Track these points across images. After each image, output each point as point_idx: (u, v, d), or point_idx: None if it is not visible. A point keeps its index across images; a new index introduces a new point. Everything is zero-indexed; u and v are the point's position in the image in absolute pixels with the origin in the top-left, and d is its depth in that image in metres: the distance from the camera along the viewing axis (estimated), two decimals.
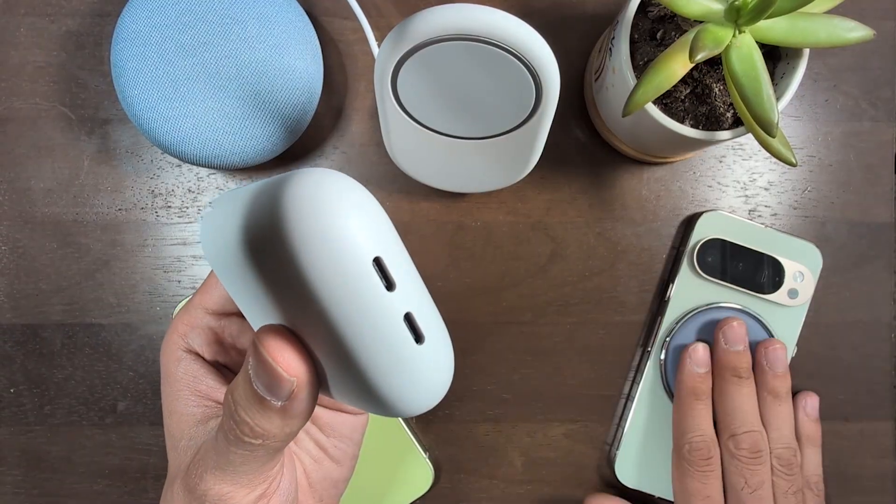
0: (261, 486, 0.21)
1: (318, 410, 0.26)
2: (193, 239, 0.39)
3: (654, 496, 0.39)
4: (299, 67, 0.35)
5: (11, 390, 0.39)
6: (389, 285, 0.17)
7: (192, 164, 0.36)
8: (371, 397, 0.18)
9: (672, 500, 0.38)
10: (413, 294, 0.18)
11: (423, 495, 0.39)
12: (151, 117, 0.34)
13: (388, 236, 0.17)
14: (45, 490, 0.39)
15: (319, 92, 0.36)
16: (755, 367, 0.37)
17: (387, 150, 0.34)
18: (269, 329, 0.18)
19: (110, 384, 0.39)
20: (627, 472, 0.39)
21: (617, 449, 0.39)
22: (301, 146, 0.39)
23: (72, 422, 0.39)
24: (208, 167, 0.36)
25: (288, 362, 0.18)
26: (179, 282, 0.39)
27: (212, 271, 0.24)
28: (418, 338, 0.18)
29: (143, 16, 0.34)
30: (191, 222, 0.39)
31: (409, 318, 0.17)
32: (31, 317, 0.39)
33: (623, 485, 0.39)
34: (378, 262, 0.17)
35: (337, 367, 0.18)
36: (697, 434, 0.35)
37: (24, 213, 0.39)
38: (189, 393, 0.24)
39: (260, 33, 0.34)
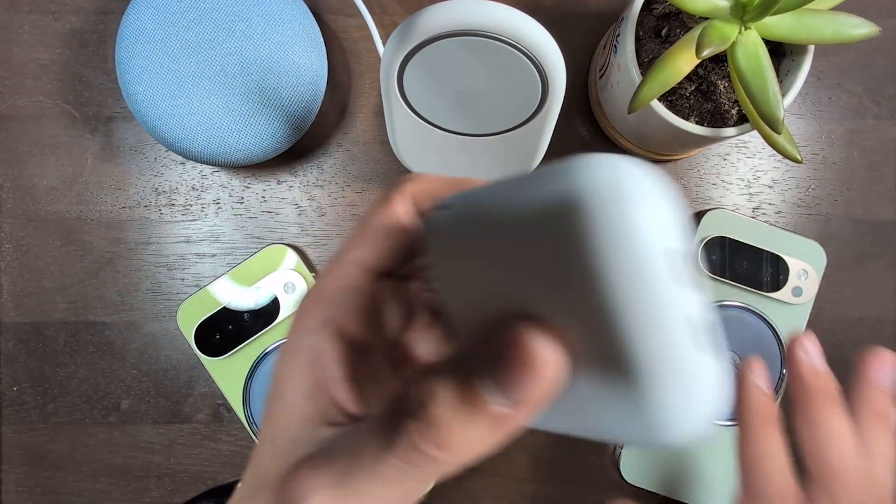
0: None
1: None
2: (197, 237, 0.39)
3: (658, 494, 0.39)
4: (304, 65, 0.35)
5: (14, 388, 0.39)
6: (678, 280, 0.15)
7: (197, 161, 0.36)
8: (631, 413, 0.16)
9: (675, 497, 0.37)
10: (698, 296, 0.16)
11: (427, 493, 0.39)
12: (156, 114, 0.34)
13: (679, 224, 0.15)
14: (47, 488, 0.39)
15: (324, 89, 0.36)
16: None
17: (392, 148, 0.34)
18: (529, 319, 0.15)
19: (113, 382, 0.39)
20: (632, 470, 0.39)
21: (622, 447, 0.39)
22: (305, 143, 0.39)
23: (75, 420, 0.39)
24: (212, 164, 0.36)
25: (548, 354, 0.14)
26: (183, 279, 0.39)
27: (367, 223, 0.20)
28: (700, 346, 0.15)
29: (147, 13, 0.34)
30: (195, 220, 0.39)
31: (692, 321, 0.15)
32: (34, 315, 0.39)
33: (628, 483, 0.39)
34: (670, 254, 0.15)
35: (586, 377, 0.16)
36: (777, 469, 0.28)
37: (27, 211, 0.39)
38: (306, 377, 0.18)
39: (265, 31, 0.34)
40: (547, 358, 0.14)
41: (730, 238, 0.38)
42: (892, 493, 0.27)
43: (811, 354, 0.30)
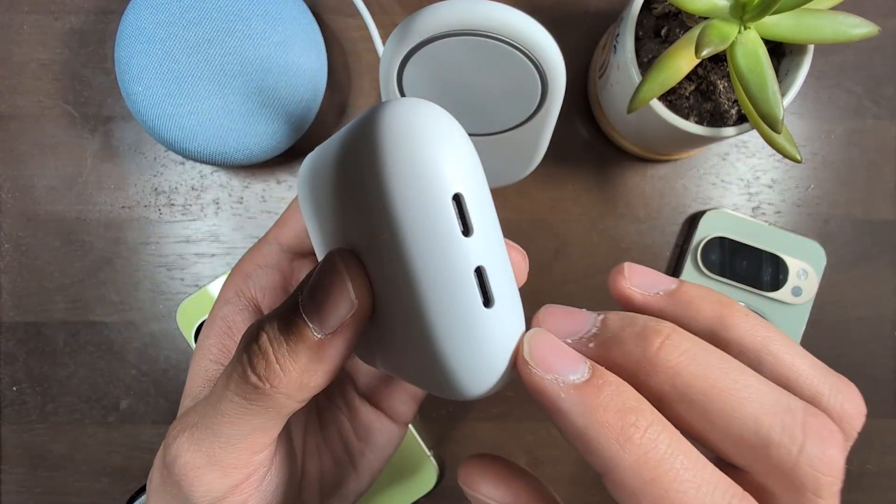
0: (238, 472, 0.17)
1: (360, 406, 0.23)
2: (197, 237, 0.39)
3: None
4: (303, 65, 0.35)
5: (14, 388, 0.39)
6: (466, 230, 0.15)
7: (196, 161, 0.36)
8: (428, 364, 0.16)
9: None
10: (490, 246, 0.15)
11: (428, 494, 0.39)
12: (155, 114, 0.34)
13: (475, 175, 0.15)
14: (47, 488, 0.39)
15: (323, 89, 0.36)
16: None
17: None
18: (347, 250, 0.16)
19: (113, 382, 0.39)
20: None
21: None
22: (305, 143, 0.39)
23: (74, 420, 0.39)
24: (212, 164, 0.36)
25: (358, 281, 0.15)
26: (182, 279, 0.39)
27: (290, 205, 0.22)
28: (487, 300, 0.15)
29: (147, 13, 0.34)
30: (194, 220, 0.39)
31: (479, 273, 0.15)
32: (33, 315, 0.39)
33: None
34: (458, 200, 0.15)
35: (395, 321, 0.16)
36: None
37: (27, 211, 0.39)
38: (216, 342, 0.20)
39: (264, 30, 0.34)
40: (349, 283, 0.15)
41: (729, 238, 0.38)
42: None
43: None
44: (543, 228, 0.39)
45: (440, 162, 0.15)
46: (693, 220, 0.39)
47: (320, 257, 0.18)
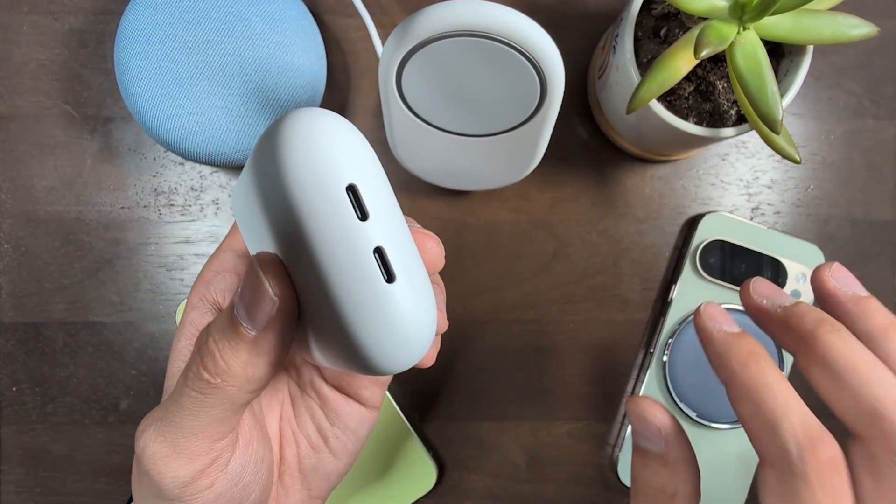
0: (202, 458, 0.19)
1: (329, 394, 0.25)
2: (196, 237, 0.39)
3: None
4: (303, 65, 0.35)
5: (13, 388, 0.39)
6: (363, 215, 0.16)
7: (196, 161, 0.36)
8: (344, 344, 0.17)
9: None
10: (388, 229, 0.17)
11: (427, 494, 0.39)
12: (155, 115, 0.34)
13: (368, 167, 0.17)
14: (47, 489, 0.39)
15: (323, 90, 0.36)
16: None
17: (390, 148, 0.34)
18: (266, 253, 0.18)
19: (112, 382, 0.39)
20: (630, 472, 0.39)
21: (619, 450, 0.39)
22: None
23: (74, 420, 0.39)
24: (211, 165, 0.36)
25: (275, 280, 0.17)
26: (182, 280, 0.39)
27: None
28: (389, 276, 0.16)
29: (146, 13, 0.34)
30: (194, 220, 0.39)
31: (380, 253, 0.16)
32: (33, 315, 0.39)
33: (626, 485, 0.39)
34: (352, 190, 0.16)
35: (314, 311, 0.18)
36: (802, 418, 0.20)
37: (26, 212, 0.39)
38: (185, 345, 0.22)
39: (263, 31, 0.34)
40: (266, 284, 0.17)
41: (728, 242, 0.38)
42: None
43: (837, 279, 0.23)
44: (543, 229, 0.39)
45: (333, 157, 0.16)
46: (692, 223, 0.39)
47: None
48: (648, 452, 0.22)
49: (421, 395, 0.40)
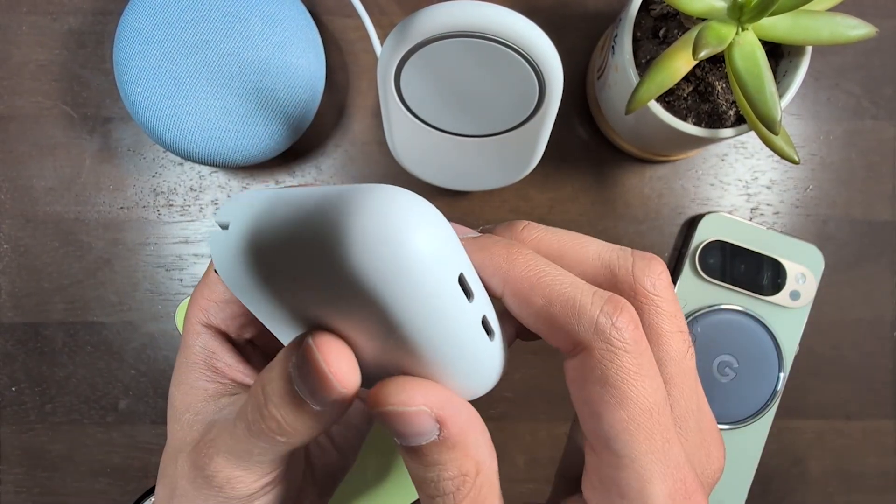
0: (271, 474, 0.21)
1: None
2: (195, 237, 0.39)
3: None
4: (302, 65, 0.35)
5: (13, 389, 0.39)
6: (468, 296, 0.17)
7: (195, 162, 0.36)
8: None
9: None
10: (484, 294, 0.18)
11: None
12: (154, 115, 0.34)
13: (459, 245, 0.17)
14: (46, 489, 0.39)
15: (322, 90, 0.36)
16: None
17: (389, 149, 0.34)
18: (325, 333, 0.17)
19: (112, 382, 0.39)
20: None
21: None
22: (303, 144, 0.39)
23: (73, 420, 0.39)
24: (210, 165, 0.36)
25: (344, 373, 0.17)
26: (181, 280, 0.39)
27: None
28: (489, 335, 0.18)
29: (145, 14, 0.34)
30: (193, 220, 0.39)
31: (484, 321, 0.17)
32: (32, 315, 0.39)
33: None
34: (461, 279, 0.16)
35: (383, 364, 0.18)
36: (591, 289, 0.18)
37: (25, 212, 0.39)
38: (204, 367, 0.23)
39: (263, 31, 0.34)
40: (343, 375, 0.17)
41: (728, 242, 0.38)
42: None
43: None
44: None
45: (441, 254, 0.15)
46: (691, 225, 0.39)
47: (278, 333, 0.20)
48: (424, 447, 0.17)
49: None
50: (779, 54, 0.32)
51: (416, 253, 0.15)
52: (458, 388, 0.18)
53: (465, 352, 0.17)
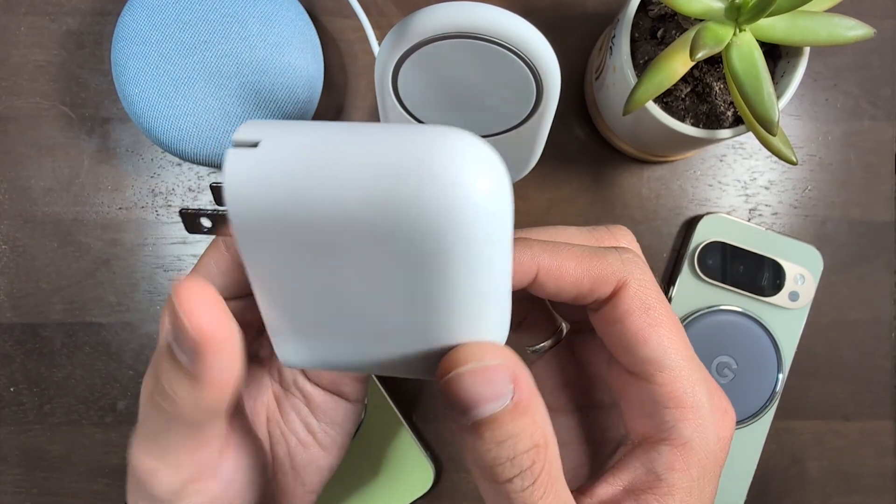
0: (188, 468, 0.19)
1: (312, 391, 0.25)
2: (194, 238, 0.39)
3: None
4: (300, 66, 0.35)
5: (11, 389, 0.39)
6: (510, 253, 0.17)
7: (193, 162, 0.36)
8: (424, 352, 0.18)
9: None
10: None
11: (424, 494, 0.39)
12: (152, 116, 0.34)
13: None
14: (45, 489, 0.39)
15: (320, 91, 0.36)
16: None
17: None
18: (193, 281, 0.16)
19: (110, 383, 0.39)
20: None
21: None
22: None
23: (72, 421, 0.39)
24: (209, 166, 0.36)
25: (200, 317, 0.15)
26: None
27: (204, 255, 0.22)
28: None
29: (143, 14, 0.34)
30: None
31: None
32: (30, 316, 0.39)
33: None
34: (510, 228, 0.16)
35: (412, 340, 0.18)
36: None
37: (24, 213, 0.39)
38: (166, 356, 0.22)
39: (260, 32, 0.34)
40: (199, 318, 0.16)
41: (726, 243, 0.38)
42: None
43: None
44: None
45: (507, 204, 0.16)
46: (690, 225, 0.39)
47: (266, 305, 0.19)
48: (497, 416, 0.16)
49: (418, 395, 0.40)
50: (777, 55, 0.32)
51: (485, 196, 0.15)
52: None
53: (501, 304, 0.17)
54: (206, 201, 0.39)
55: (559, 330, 0.25)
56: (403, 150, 0.15)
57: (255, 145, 0.16)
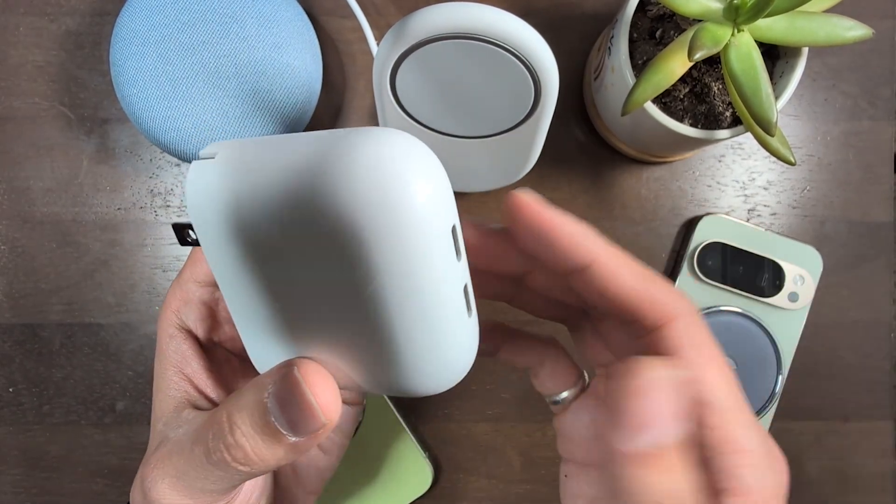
0: (220, 502, 0.20)
1: None
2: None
3: None
4: (298, 66, 0.35)
5: (10, 390, 0.39)
6: (458, 254, 0.16)
7: (192, 162, 0.36)
8: (399, 373, 0.17)
9: None
10: (465, 261, 0.17)
11: (423, 495, 0.39)
12: (150, 116, 0.34)
13: (453, 199, 0.16)
14: (44, 489, 0.39)
15: (318, 91, 0.36)
16: None
17: None
18: (310, 361, 0.17)
19: (109, 384, 0.39)
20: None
21: None
22: None
23: (71, 421, 0.39)
24: None
25: (330, 404, 0.17)
26: None
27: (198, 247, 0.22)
28: (469, 310, 0.17)
29: (142, 15, 0.34)
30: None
31: (465, 289, 0.16)
32: (30, 316, 0.39)
33: None
34: (454, 231, 0.15)
35: (365, 348, 0.17)
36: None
37: (23, 213, 0.39)
38: (174, 373, 0.22)
39: (259, 32, 0.34)
40: (328, 405, 0.17)
41: (726, 244, 0.38)
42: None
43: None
44: None
45: (438, 201, 0.15)
46: (689, 226, 0.39)
47: (233, 303, 0.19)
48: (665, 447, 0.15)
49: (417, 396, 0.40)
50: (775, 55, 0.32)
51: (411, 196, 0.14)
52: (430, 371, 0.17)
53: (440, 321, 0.16)
54: None
55: (581, 378, 0.24)
56: (327, 149, 0.15)
57: (212, 157, 0.17)
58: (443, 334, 0.16)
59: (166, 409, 0.22)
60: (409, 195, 0.14)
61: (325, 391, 0.17)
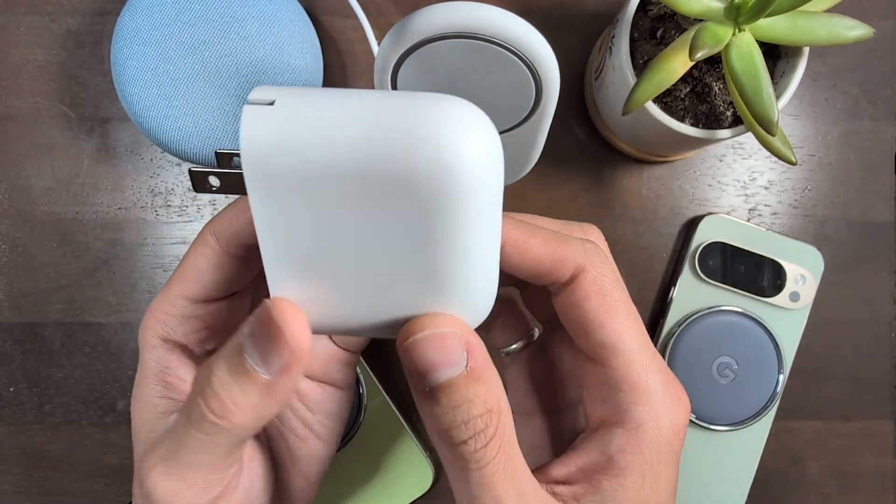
0: (215, 487, 0.19)
1: (305, 387, 0.25)
2: (193, 238, 0.39)
3: None
4: (299, 66, 0.35)
5: (11, 389, 0.39)
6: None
7: (192, 162, 0.36)
8: (438, 299, 0.18)
9: None
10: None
11: (424, 495, 0.39)
12: (151, 115, 0.34)
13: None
14: (44, 489, 0.39)
15: None
16: None
17: None
18: (284, 299, 0.18)
19: (109, 383, 0.39)
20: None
21: None
22: None
23: (71, 421, 0.39)
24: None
25: (299, 330, 0.17)
26: None
27: (188, 255, 0.22)
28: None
29: (143, 14, 0.34)
30: (191, 221, 0.39)
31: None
32: (30, 315, 0.39)
33: None
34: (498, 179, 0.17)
35: (406, 279, 0.18)
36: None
37: (23, 212, 0.39)
38: (156, 382, 0.22)
39: (260, 32, 0.34)
40: (299, 331, 0.17)
41: (727, 243, 0.38)
42: None
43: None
44: None
45: (502, 162, 0.17)
46: (691, 226, 0.39)
47: (270, 249, 0.18)
48: (453, 381, 0.18)
49: None
50: (776, 55, 0.32)
51: (490, 154, 0.16)
52: (466, 314, 0.18)
53: (486, 272, 0.18)
54: (205, 201, 0.39)
55: (531, 332, 0.26)
56: (405, 110, 0.16)
57: (271, 104, 0.17)
58: (481, 283, 0.18)
59: (147, 417, 0.22)
60: (490, 153, 0.16)
61: (296, 323, 0.17)
